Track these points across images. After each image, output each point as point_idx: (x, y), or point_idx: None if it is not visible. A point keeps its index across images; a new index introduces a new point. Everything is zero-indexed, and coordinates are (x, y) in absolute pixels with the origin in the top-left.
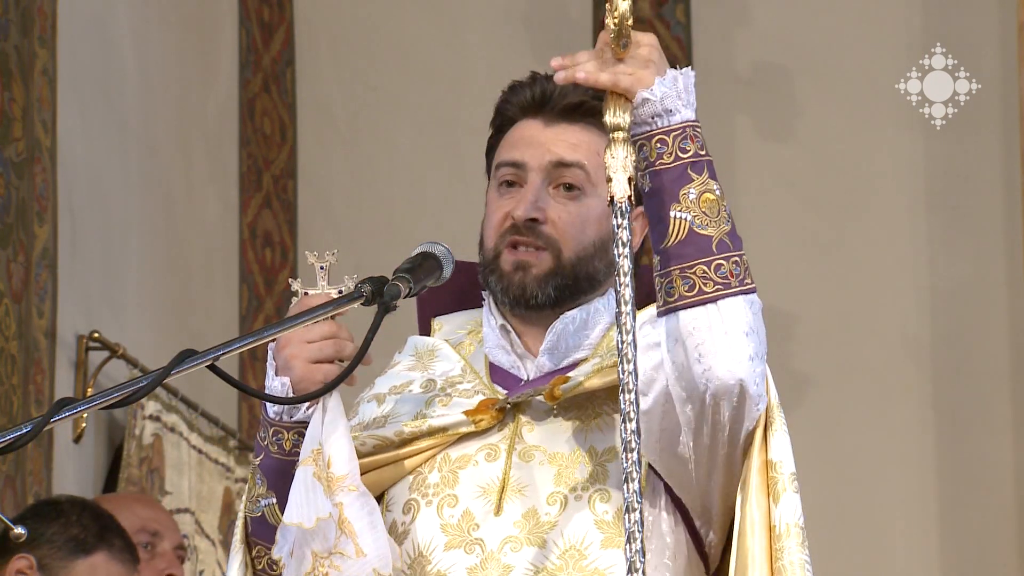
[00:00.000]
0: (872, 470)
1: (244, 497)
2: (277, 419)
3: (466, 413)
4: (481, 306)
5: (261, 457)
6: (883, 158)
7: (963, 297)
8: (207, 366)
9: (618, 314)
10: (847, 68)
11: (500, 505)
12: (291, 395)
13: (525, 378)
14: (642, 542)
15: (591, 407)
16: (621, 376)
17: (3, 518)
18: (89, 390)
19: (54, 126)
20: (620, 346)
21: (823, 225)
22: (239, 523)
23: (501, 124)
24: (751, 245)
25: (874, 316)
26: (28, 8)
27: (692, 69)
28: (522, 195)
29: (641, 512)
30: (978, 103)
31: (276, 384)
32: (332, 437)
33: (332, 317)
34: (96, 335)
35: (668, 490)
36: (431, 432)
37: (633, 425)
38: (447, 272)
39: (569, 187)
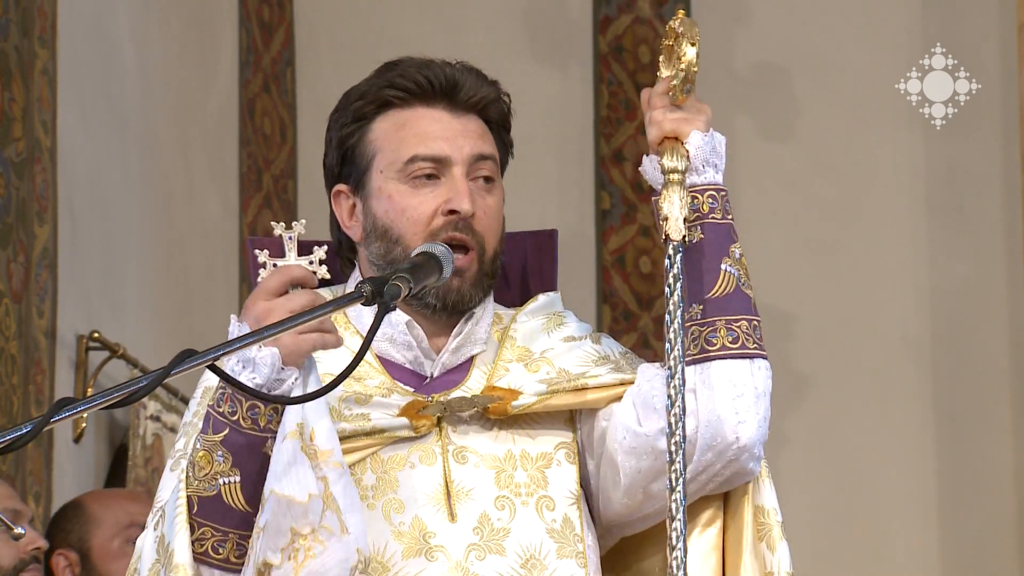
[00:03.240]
0: (872, 470)
1: (188, 475)
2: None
3: (407, 417)
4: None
5: (225, 432)
6: (883, 158)
7: (963, 297)
8: (207, 366)
9: (670, 368)
10: (847, 68)
11: (452, 511)
12: (279, 365)
13: (429, 375)
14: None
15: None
16: (670, 423)
17: (2, 518)
18: (89, 390)
19: (54, 126)
20: (670, 395)
21: (823, 225)
22: (181, 503)
23: (375, 110)
24: (751, 245)
25: (874, 316)
26: (28, 8)
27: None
28: (453, 189)
29: (685, 549)
30: (978, 103)
31: (265, 355)
32: (314, 412)
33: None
34: (96, 335)
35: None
36: (372, 433)
37: (678, 465)
38: (447, 272)
39: (487, 178)
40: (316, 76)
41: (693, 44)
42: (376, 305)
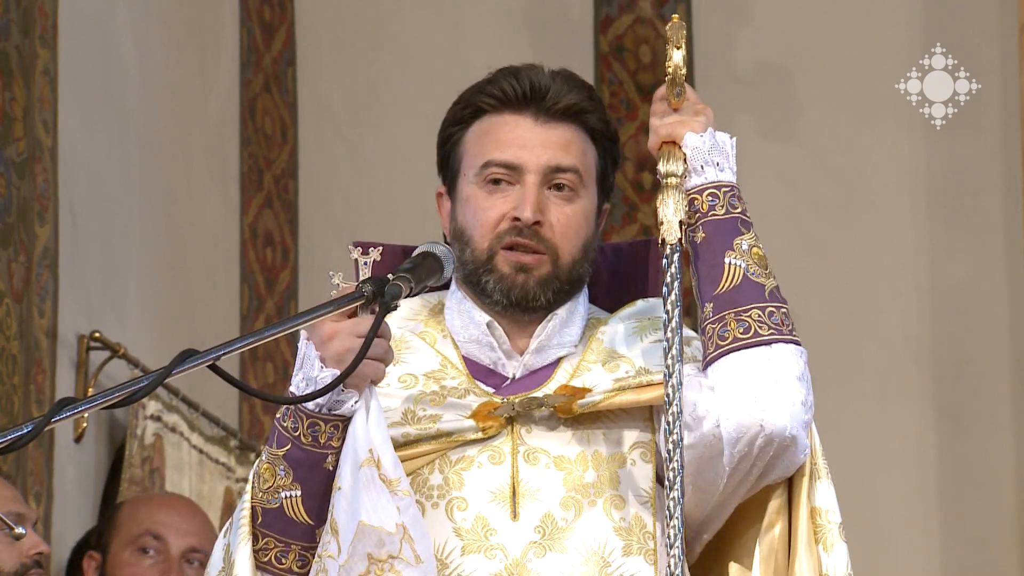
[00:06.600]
0: (873, 469)
1: (253, 486)
2: (317, 411)
3: (475, 419)
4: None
5: (288, 448)
6: (883, 158)
7: (963, 297)
8: (208, 366)
9: (667, 367)
10: (847, 68)
11: (516, 510)
12: (341, 389)
13: (510, 376)
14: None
15: (592, 413)
16: (668, 421)
17: (3, 518)
18: (90, 390)
19: (55, 126)
20: (667, 394)
21: (823, 225)
22: (245, 513)
23: (471, 115)
24: None
25: (874, 316)
26: (29, 8)
27: (693, 71)
28: (521, 196)
29: (682, 543)
30: (978, 103)
31: (327, 376)
32: (379, 438)
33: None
34: (97, 335)
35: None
36: (438, 436)
37: (677, 464)
38: (448, 272)
39: (562, 187)
40: (317, 76)
41: (678, 48)
42: (378, 305)
